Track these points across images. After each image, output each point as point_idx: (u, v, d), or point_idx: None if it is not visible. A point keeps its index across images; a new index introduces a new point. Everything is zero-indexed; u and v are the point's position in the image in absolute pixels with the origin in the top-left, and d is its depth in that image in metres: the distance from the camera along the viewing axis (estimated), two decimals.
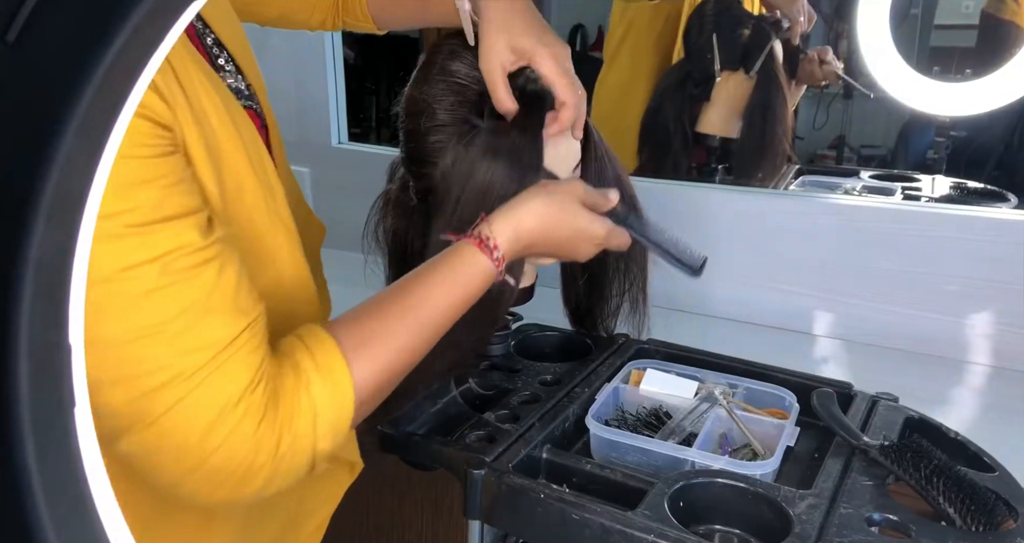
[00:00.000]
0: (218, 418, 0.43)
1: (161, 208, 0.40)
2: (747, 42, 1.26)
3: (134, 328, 0.40)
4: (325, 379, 0.48)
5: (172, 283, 0.41)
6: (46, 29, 0.23)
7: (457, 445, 0.70)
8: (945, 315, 1.02)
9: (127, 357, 0.40)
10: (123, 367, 0.41)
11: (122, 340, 0.40)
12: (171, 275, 0.41)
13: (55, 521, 0.23)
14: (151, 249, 0.40)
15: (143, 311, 0.40)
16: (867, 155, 1.41)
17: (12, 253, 0.23)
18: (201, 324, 0.42)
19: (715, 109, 1.30)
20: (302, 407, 0.47)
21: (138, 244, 0.39)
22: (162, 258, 0.40)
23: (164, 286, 0.40)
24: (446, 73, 0.70)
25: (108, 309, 0.39)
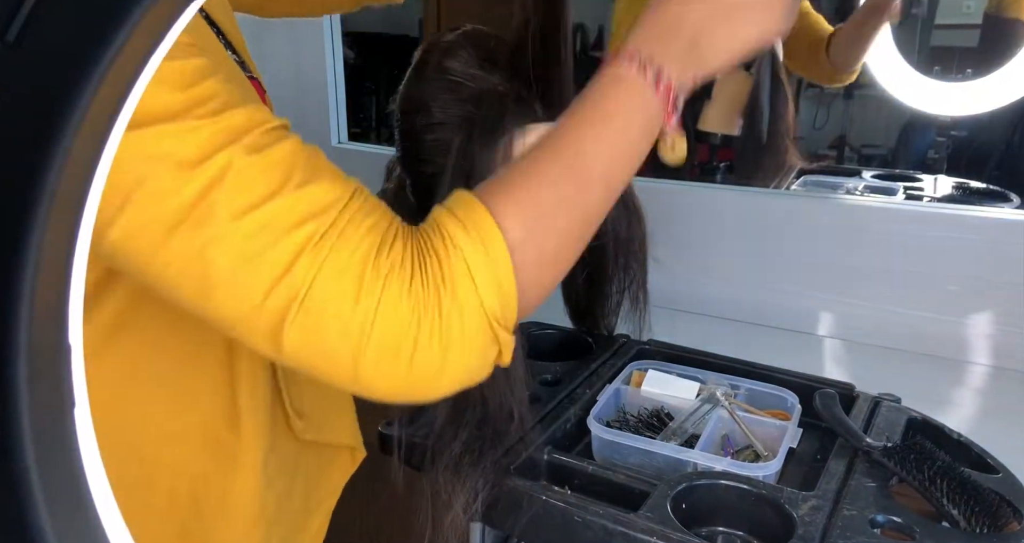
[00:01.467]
0: (362, 278, 0.40)
1: (227, 96, 0.39)
2: None
3: (241, 212, 0.38)
4: (470, 230, 0.43)
5: (262, 158, 0.39)
6: (46, 29, 0.23)
7: (456, 447, 0.69)
8: (947, 315, 1.02)
9: (245, 247, 0.38)
10: (246, 259, 0.38)
11: (237, 228, 0.38)
12: (258, 151, 0.39)
13: (55, 521, 0.22)
14: (230, 131, 0.38)
15: (243, 191, 0.38)
16: (868, 155, 1.41)
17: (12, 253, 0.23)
18: (307, 190, 0.40)
19: (716, 107, 1.30)
20: (452, 261, 0.42)
21: (216, 130, 0.38)
22: (244, 137, 0.39)
23: (254, 163, 0.39)
24: (442, 71, 0.70)
25: (214, 201, 0.38)
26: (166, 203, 0.37)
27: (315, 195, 0.40)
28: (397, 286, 0.41)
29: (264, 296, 0.39)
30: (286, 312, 0.39)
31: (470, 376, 0.45)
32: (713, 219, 1.16)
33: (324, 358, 0.41)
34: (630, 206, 0.83)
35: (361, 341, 0.40)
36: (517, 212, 0.44)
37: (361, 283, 0.40)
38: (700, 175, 1.34)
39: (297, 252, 0.39)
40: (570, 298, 0.91)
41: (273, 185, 0.39)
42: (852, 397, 0.80)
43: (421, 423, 0.74)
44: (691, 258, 1.15)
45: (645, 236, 0.84)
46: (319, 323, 0.40)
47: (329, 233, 0.40)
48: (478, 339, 0.43)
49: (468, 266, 0.42)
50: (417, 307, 0.41)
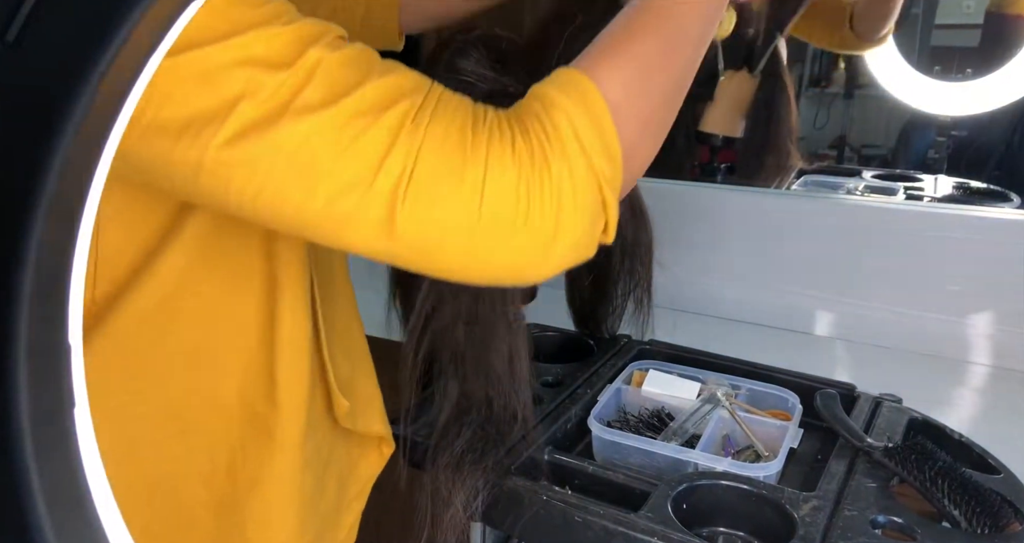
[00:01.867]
0: (464, 147, 0.40)
1: (294, 11, 0.41)
2: (751, 41, 1.26)
3: (336, 98, 0.39)
4: (567, 91, 0.43)
5: (344, 55, 0.40)
6: (46, 29, 0.23)
7: (458, 446, 0.69)
8: (947, 315, 1.02)
9: (345, 131, 0.39)
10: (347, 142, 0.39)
11: (334, 115, 0.39)
12: (337, 49, 0.41)
13: (55, 521, 0.22)
14: (308, 37, 0.40)
15: (335, 83, 0.40)
16: (868, 155, 1.41)
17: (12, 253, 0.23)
18: (392, 77, 0.41)
19: (718, 108, 1.30)
20: (554, 121, 0.42)
21: (296, 35, 0.40)
22: (321, 39, 0.40)
23: (339, 58, 0.40)
24: (453, 70, 0.70)
25: (310, 95, 0.39)
26: (267, 103, 0.38)
27: (400, 80, 0.42)
28: (500, 149, 0.41)
29: (372, 178, 0.39)
30: (395, 192, 0.40)
31: (580, 248, 0.44)
32: (713, 219, 1.16)
33: (438, 234, 0.41)
34: (637, 211, 0.83)
35: (474, 209, 0.40)
36: (615, 74, 0.44)
37: (464, 151, 0.40)
38: (700, 175, 1.34)
39: (396, 130, 0.40)
40: (574, 301, 0.91)
41: (359, 75, 0.40)
42: (853, 397, 0.80)
43: (424, 422, 0.74)
44: (692, 258, 1.15)
45: (651, 241, 0.84)
46: (430, 196, 0.40)
47: (423, 110, 0.41)
48: (589, 199, 0.43)
49: (572, 124, 0.42)
50: (524, 167, 0.41)
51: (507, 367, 0.66)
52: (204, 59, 0.38)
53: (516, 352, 0.67)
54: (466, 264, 0.42)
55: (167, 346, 0.52)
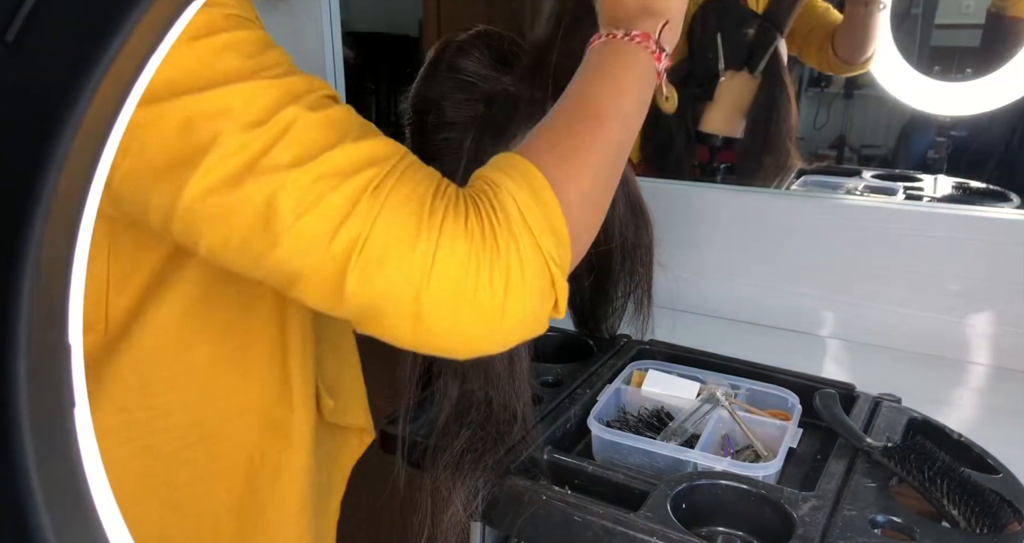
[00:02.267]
0: (420, 219, 0.42)
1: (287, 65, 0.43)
2: (752, 41, 1.26)
3: (304, 160, 0.40)
4: (511, 175, 0.45)
5: (323, 117, 0.42)
6: (46, 29, 0.23)
7: (458, 445, 0.69)
8: (947, 315, 1.02)
9: (309, 191, 0.40)
10: (309, 201, 0.40)
11: (300, 175, 0.40)
12: (318, 110, 0.42)
13: (55, 521, 0.22)
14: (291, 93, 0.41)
15: (306, 144, 0.41)
16: (867, 155, 1.41)
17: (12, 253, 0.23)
18: (364, 143, 0.42)
19: (718, 108, 1.30)
20: (502, 200, 0.44)
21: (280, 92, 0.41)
22: (304, 97, 0.42)
23: (316, 120, 0.41)
24: (455, 70, 0.70)
25: (279, 153, 0.40)
26: (236, 158, 0.40)
27: (372, 147, 0.43)
28: (453, 224, 0.42)
29: (328, 241, 0.41)
30: (349, 256, 0.41)
31: (528, 324, 0.45)
32: (713, 219, 1.16)
33: (385, 300, 0.42)
34: (638, 211, 0.83)
35: (422, 279, 0.41)
36: (550, 156, 0.47)
37: (420, 223, 0.42)
38: (700, 175, 1.34)
39: (357, 196, 0.41)
40: (574, 301, 0.91)
41: (333, 138, 0.42)
42: (852, 397, 0.80)
43: (423, 422, 0.74)
44: (691, 258, 1.15)
45: (652, 242, 0.84)
46: (380, 264, 0.41)
47: (386, 179, 0.42)
48: (537, 278, 0.44)
49: (516, 203, 0.44)
50: (474, 244, 0.42)
51: (507, 367, 0.66)
52: (184, 108, 0.39)
53: (515, 352, 0.67)
54: (414, 332, 0.43)
55: (187, 360, 0.53)
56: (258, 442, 0.56)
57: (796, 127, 1.28)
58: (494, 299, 0.43)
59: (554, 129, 0.50)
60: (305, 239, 0.41)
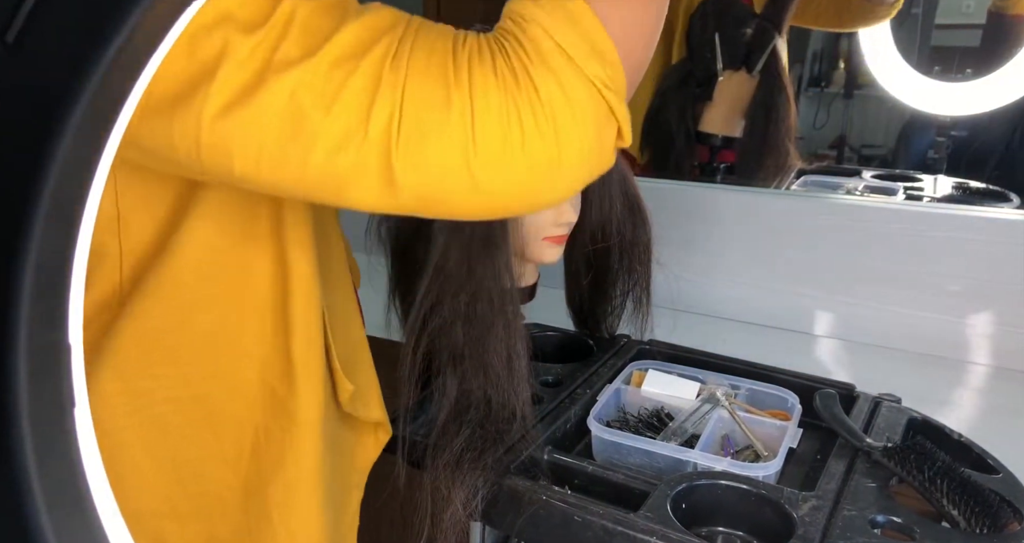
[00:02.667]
0: (447, 78, 0.39)
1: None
2: (750, 41, 1.26)
3: (314, 50, 0.39)
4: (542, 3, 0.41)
5: (315, 3, 0.40)
6: (46, 29, 0.23)
7: (457, 444, 0.69)
8: (946, 315, 1.02)
9: (328, 80, 0.39)
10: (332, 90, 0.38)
11: (316, 65, 0.38)
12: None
13: (55, 521, 0.22)
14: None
15: (311, 33, 0.39)
16: (867, 155, 1.41)
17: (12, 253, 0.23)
18: (368, 18, 0.40)
19: (717, 108, 1.30)
20: (530, 33, 0.40)
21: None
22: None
23: (312, 8, 0.39)
24: None
25: (288, 49, 0.38)
26: (247, 66, 0.38)
27: (376, 20, 0.41)
28: (481, 75, 0.39)
29: (364, 127, 0.39)
30: (388, 137, 0.39)
31: (591, 160, 0.42)
32: (713, 219, 1.16)
33: (440, 174, 0.40)
34: (636, 210, 0.83)
35: (466, 143, 0.39)
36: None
37: (446, 82, 0.39)
38: (700, 175, 1.34)
39: (378, 71, 0.39)
40: (573, 300, 0.91)
41: (335, 21, 0.39)
42: (852, 397, 0.80)
43: (423, 421, 0.74)
44: (691, 258, 1.15)
45: (650, 240, 0.85)
46: (421, 134, 0.39)
47: (401, 48, 0.40)
48: (589, 109, 0.41)
49: (550, 35, 0.40)
50: (510, 90, 0.39)
51: (506, 366, 0.66)
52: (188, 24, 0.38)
53: (515, 351, 0.67)
54: (472, 201, 0.41)
55: (186, 330, 0.52)
56: (262, 422, 0.55)
57: (795, 127, 1.28)
58: (545, 144, 0.39)
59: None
60: (339, 131, 0.39)
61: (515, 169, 0.40)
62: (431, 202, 0.41)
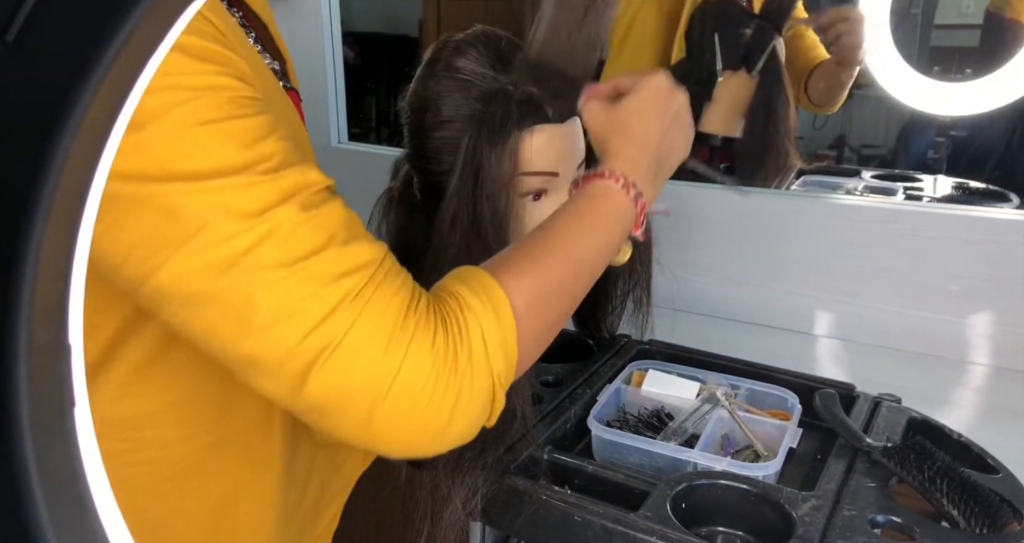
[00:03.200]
0: (393, 332, 0.43)
1: (286, 155, 0.42)
2: (749, 42, 1.26)
3: (289, 262, 0.41)
4: (480, 296, 0.48)
5: (311, 217, 0.42)
6: (46, 29, 0.23)
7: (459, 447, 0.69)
8: (946, 315, 1.02)
9: (290, 294, 0.41)
10: (289, 305, 0.41)
11: (285, 276, 0.41)
12: (308, 210, 0.42)
13: (55, 521, 0.22)
14: (284, 190, 0.41)
15: (294, 245, 0.41)
16: (867, 155, 1.41)
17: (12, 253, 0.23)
18: (349, 249, 0.43)
19: (717, 108, 1.30)
20: (468, 322, 0.46)
21: (272, 188, 0.41)
22: (296, 196, 0.42)
23: (305, 221, 0.42)
24: (451, 69, 0.70)
25: (266, 251, 0.40)
26: (221, 249, 0.40)
27: (357, 253, 0.44)
28: (420, 341, 0.44)
29: (299, 342, 0.41)
30: (316, 359, 0.42)
31: (465, 436, 0.48)
32: (713, 219, 1.16)
33: (342, 405, 0.44)
34: None
35: (383, 389, 0.43)
36: (522, 289, 0.50)
37: (391, 335, 0.43)
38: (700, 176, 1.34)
39: (337, 303, 0.42)
40: None
41: (320, 241, 0.42)
42: (852, 397, 0.80)
43: None
44: (691, 258, 1.15)
45: (650, 239, 0.85)
46: (347, 371, 0.42)
47: (366, 289, 0.43)
48: (482, 397, 0.47)
49: (482, 330, 0.47)
50: (437, 362, 0.44)
51: None
52: (173, 192, 0.39)
53: None
54: (358, 433, 0.45)
55: (164, 398, 0.52)
56: (234, 474, 0.56)
57: (795, 127, 1.28)
58: (442, 413, 0.45)
59: (534, 258, 0.52)
60: (277, 337, 0.41)
61: (408, 424, 0.45)
62: (323, 417, 0.45)
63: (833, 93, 1.25)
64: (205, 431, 0.54)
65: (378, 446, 0.46)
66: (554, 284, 0.52)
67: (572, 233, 0.54)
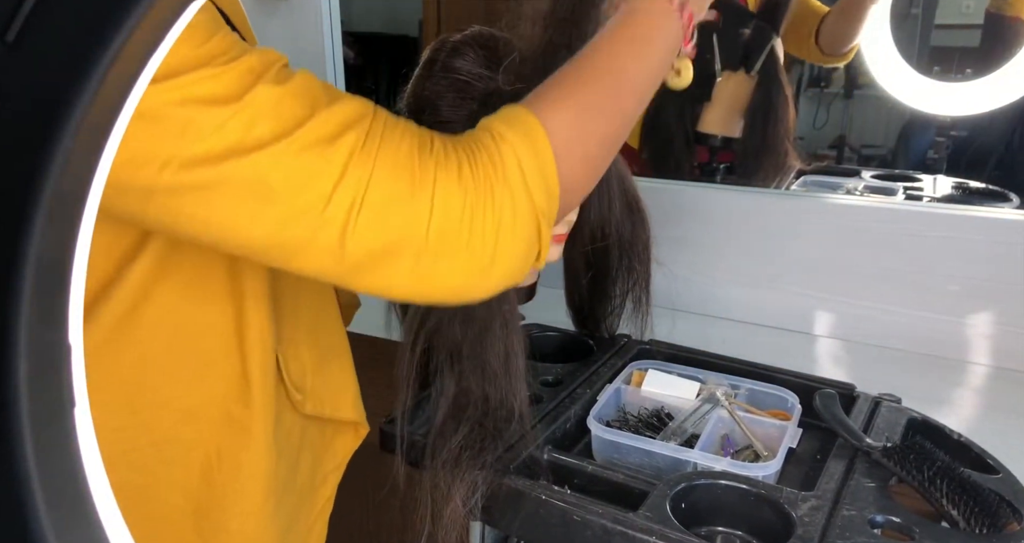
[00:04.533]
0: (413, 174, 0.42)
1: (238, 45, 0.42)
2: (748, 42, 1.26)
3: (285, 133, 0.41)
4: (516, 129, 0.47)
5: (289, 90, 0.42)
6: (46, 29, 0.23)
7: (456, 442, 0.69)
8: (946, 315, 1.02)
9: (297, 163, 0.41)
10: (300, 174, 0.41)
11: (287, 147, 0.40)
12: (283, 83, 0.42)
13: (55, 521, 0.22)
14: (252, 71, 0.41)
15: (283, 117, 0.41)
16: (867, 155, 1.41)
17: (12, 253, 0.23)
18: (337, 108, 0.43)
19: (716, 109, 1.30)
20: (501, 152, 0.45)
21: (240, 72, 0.41)
22: (265, 74, 0.41)
23: (284, 94, 0.41)
24: (449, 70, 0.70)
25: (260, 130, 0.40)
26: (215, 138, 0.40)
27: (345, 109, 0.43)
28: (446, 177, 0.43)
29: (323, 207, 0.41)
30: (346, 219, 0.42)
31: (514, 273, 0.47)
32: (713, 219, 1.16)
33: (386, 257, 0.43)
34: (634, 209, 0.83)
35: (421, 232, 0.43)
36: (561, 115, 0.48)
37: (412, 177, 0.43)
38: (700, 176, 1.34)
39: (347, 158, 0.42)
40: (573, 300, 0.91)
41: (307, 107, 0.42)
42: (852, 397, 0.80)
43: (422, 421, 0.74)
44: (691, 258, 1.15)
45: (649, 239, 0.85)
46: (379, 222, 0.42)
47: (369, 140, 0.43)
48: (526, 228, 0.46)
49: (518, 158, 0.45)
50: (469, 193, 0.43)
51: (503, 364, 0.67)
52: (146, 98, 0.38)
53: (512, 349, 0.67)
54: (409, 284, 0.45)
55: (134, 358, 0.52)
56: (216, 442, 0.55)
57: (794, 127, 1.28)
58: (486, 248, 0.44)
59: (572, 83, 0.50)
60: (298, 210, 0.41)
61: (454, 262, 0.44)
62: (372, 277, 0.44)
63: (848, 33, 1.20)
64: (178, 395, 0.54)
65: (432, 293, 0.45)
66: (597, 106, 0.49)
67: (614, 53, 0.51)
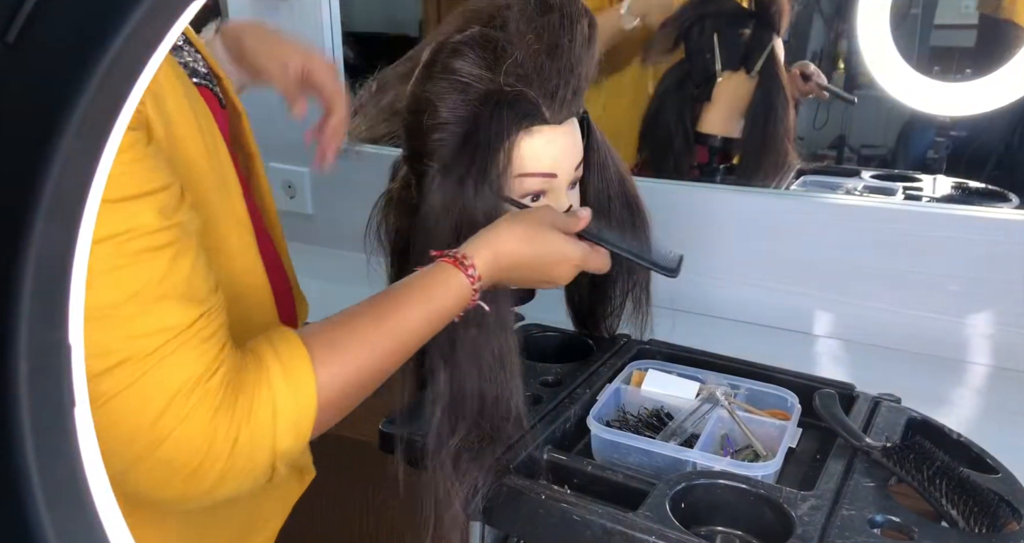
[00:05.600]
0: (170, 404, 0.43)
1: (118, 187, 0.40)
2: (748, 42, 1.26)
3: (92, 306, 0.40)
4: (288, 375, 0.48)
5: (124, 265, 0.41)
6: (46, 29, 0.23)
7: (454, 442, 0.69)
8: (946, 315, 1.02)
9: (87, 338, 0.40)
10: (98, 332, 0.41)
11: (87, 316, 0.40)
12: (124, 257, 0.41)
13: (55, 521, 0.22)
14: (104, 229, 0.40)
15: (93, 292, 0.39)
16: (867, 155, 1.41)
17: (12, 253, 0.23)
18: (152, 310, 0.42)
19: (716, 109, 1.30)
20: (262, 400, 0.46)
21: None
22: (115, 238, 0.40)
23: (115, 268, 0.40)
24: (449, 71, 0.70)
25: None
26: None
27: (161, 314, 0.43)
28: (199, 417, 0.44)
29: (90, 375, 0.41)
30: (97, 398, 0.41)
31: (234, 496, 0.48)
32: (713, 219, 1.16)
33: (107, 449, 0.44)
34: (634, 209, 0.83)
35: (143, 455, 0.43)
36: (337, 370, 0.50)
37: (166, 411, 0.43)
38: (700, 176, 1.34)
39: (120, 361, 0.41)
40: (573, 301, 0.91)
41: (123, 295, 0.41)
42: (852, 397, 0.80)
43: (421, 422, 0.74)
44: (691, 258, 1.14)
45: (650, 239, 0.84)
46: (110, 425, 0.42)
47: (157, 353, 0.42)
48: (257, 472, 0.47)
49: (275, 408, 0.47)
50: (212, 438, 0.44)
51: (499, 362, 0.67)
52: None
53: (507, 348, 0.67)
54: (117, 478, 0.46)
55: None
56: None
57: (794, 127, 1.28)
58: (205, 481, 0.45)
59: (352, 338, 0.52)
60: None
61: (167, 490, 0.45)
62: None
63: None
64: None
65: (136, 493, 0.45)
66: (373, 364, 0.52)
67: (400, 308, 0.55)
